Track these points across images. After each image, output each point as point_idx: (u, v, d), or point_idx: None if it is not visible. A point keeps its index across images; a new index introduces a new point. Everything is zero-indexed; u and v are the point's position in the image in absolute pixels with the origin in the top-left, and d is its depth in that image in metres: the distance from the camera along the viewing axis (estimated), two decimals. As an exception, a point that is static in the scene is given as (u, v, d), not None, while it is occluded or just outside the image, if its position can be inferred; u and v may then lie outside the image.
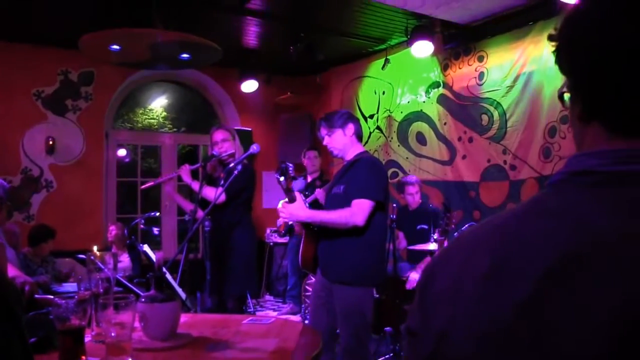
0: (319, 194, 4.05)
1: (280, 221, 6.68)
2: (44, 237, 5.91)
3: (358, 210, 3.40)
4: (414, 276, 5.59)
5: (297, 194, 3.59)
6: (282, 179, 3.52)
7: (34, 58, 7.10)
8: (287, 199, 3.60)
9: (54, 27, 6.52)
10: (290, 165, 3.55)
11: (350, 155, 3.71)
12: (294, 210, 3.55)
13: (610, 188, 0.66)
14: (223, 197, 4.40)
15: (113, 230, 6.70)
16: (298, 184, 7.04)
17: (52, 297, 2.49)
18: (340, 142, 3.69)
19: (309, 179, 7.08)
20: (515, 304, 0.64)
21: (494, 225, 0.75)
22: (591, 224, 0.64)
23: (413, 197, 6.15)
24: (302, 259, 3.86)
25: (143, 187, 5.21)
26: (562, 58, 0.76)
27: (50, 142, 7.17)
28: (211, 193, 4.46)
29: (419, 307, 0.78)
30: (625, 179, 0.66)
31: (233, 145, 4.77)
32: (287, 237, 7.29)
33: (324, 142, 3.75)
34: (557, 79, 5.46)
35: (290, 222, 6.36)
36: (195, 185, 4.65)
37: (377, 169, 3.63)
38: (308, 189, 6.43)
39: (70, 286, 5.18)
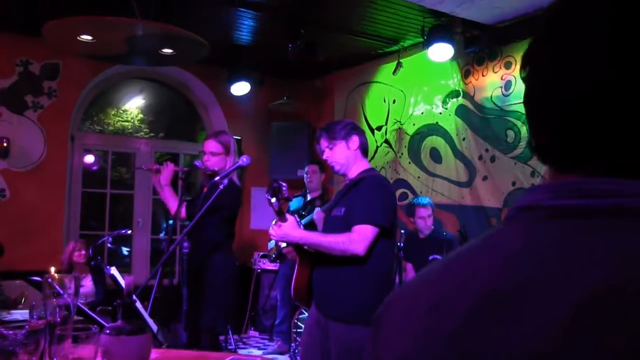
0: (318, 214, 4.02)
1: (271, 244, 6.67)
2: None
3: (359, 237, 3.40)
4: None
5: (289, 216, 3.59)
6: (273, 200, 3.51)
7: (-14, 44, 7.06)
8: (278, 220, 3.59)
9: (13, 9, 6.47)
10: (284, 184, 3.54)
11: (354, 172, 3.71)
12: (287, 229, 3.54)
13: (550, 222, 0.71)
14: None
15: (71, 247, 6.57)
16: (295, 202, 7.02)
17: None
18: (343, 157, 3.70)
19: (309, 197, 7.05)
20: (445, 339, 0.70)
21: (444, 261, 0.83)
22: (524, 258, 0.70)
23: (425, 221, 6.11)
24: (294, 289, 3.84)
25: (137, 167, 5.11)
26: None
27: (5, 144, 7.11)
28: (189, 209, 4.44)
29: (372, 339, 0.87)
30: (565, 212, 0.71)
31: (223, 160, 4.72)
32: (278, 263, 7.25)
33: (324, 156, 3.76)
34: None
35: (281, 245, 6.37)
36: (168, 194, 4.64)
37: (384, 190, 3.63)
38: (306, 209, 6.40)
39: (19, 314, 5.12)
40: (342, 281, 3.51)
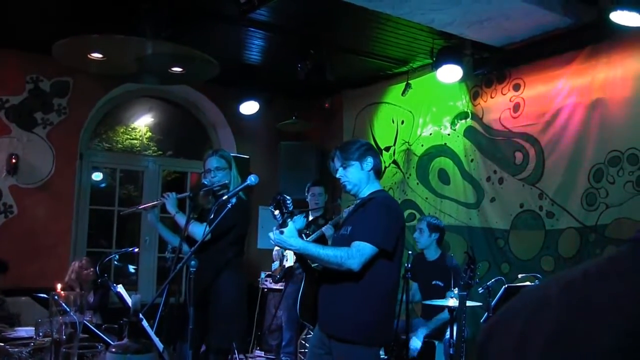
0: (328, 230, 4.04)
1: (275, 265, 6.63)
2: None
3: (356, 253, 3.40)
4: (415, 344, 5.51)
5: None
6: (277, 212, 3.54)
7: (-2, 61, 7.08)
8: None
9: (24, 27, 6.50)
10: (288, 197, 3.57)
11: (365, 193, 3.73)
12: (286, 236, 3.52)
13: None
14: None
15: (77, 264, 6.54)
16: (298, 222, 6.98)
17: (1, 344, 2.42)
18: (356, 177, 3.71)
19: (311, 217, 7.01)
20: None
21: (563, 281, 0.73)
22: None
23: (420, 233, 6.04)
24: (300, 307, 3.83)
25: (122, 213, 5.16)
26: None
27: (13, 160, 7.09)
28: (199, 230, 4.42)
29: None
30: None
31: (228, 175, 4.73)
32: (283, 283, 7.19)
33: (337, 175, 3.77)
34: (607, 114, 5.42)
35: (285, 265, 6.37)
36: (180, 219, 4.60)
37: (390, 212, 3.63)
38: (310, 228, 6.37)
39: (24, 331, 5.08)
40: (344, 302, 3.50)
